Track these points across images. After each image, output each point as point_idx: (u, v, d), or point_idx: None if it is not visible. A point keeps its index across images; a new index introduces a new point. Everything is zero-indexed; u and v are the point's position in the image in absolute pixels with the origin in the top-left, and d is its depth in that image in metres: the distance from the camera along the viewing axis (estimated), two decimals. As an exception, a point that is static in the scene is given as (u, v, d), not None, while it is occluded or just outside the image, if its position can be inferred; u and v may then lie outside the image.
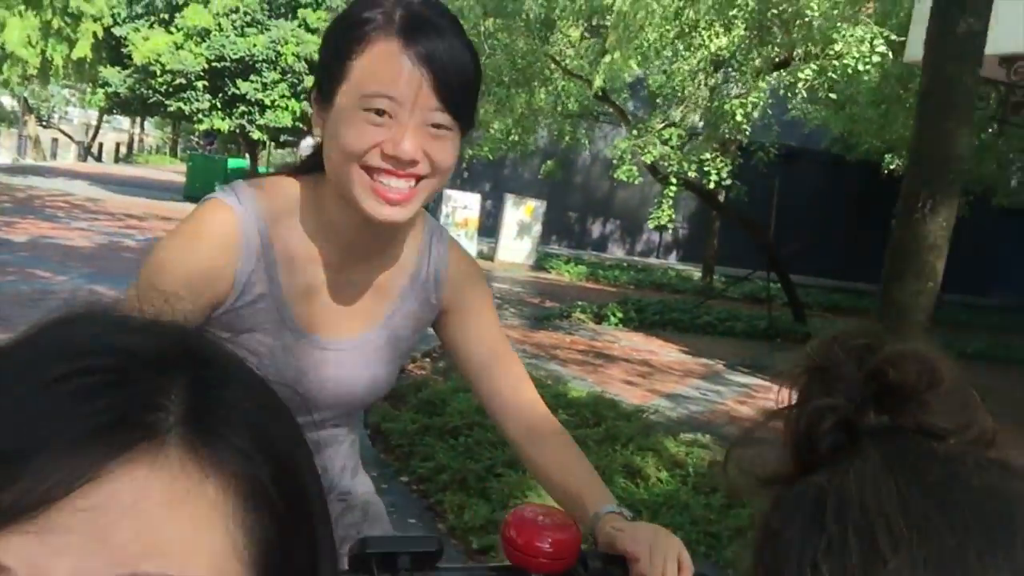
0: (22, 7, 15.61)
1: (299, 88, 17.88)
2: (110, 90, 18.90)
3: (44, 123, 35.26)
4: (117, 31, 18.24)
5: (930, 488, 0.45)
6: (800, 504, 0.48)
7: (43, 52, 18.05)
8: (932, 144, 2.70)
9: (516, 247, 16.57)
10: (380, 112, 1.02)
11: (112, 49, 18.88)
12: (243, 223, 1.10)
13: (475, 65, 1.07)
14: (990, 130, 8.15)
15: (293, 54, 17.44)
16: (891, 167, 11.23)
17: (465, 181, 18.45)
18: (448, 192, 15.03)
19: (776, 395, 0.52)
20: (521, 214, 16.66)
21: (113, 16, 18.30)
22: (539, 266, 16.36)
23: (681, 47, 7.87)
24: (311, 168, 1.16)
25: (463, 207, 15.67)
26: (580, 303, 10.56)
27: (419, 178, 1.05)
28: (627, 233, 22.44)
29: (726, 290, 13.51)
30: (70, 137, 37.60)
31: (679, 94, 8.42)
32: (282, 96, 18.12)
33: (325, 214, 1.14)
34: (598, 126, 14.42)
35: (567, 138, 11.77)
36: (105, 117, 34.80)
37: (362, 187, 1.04)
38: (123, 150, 39.87)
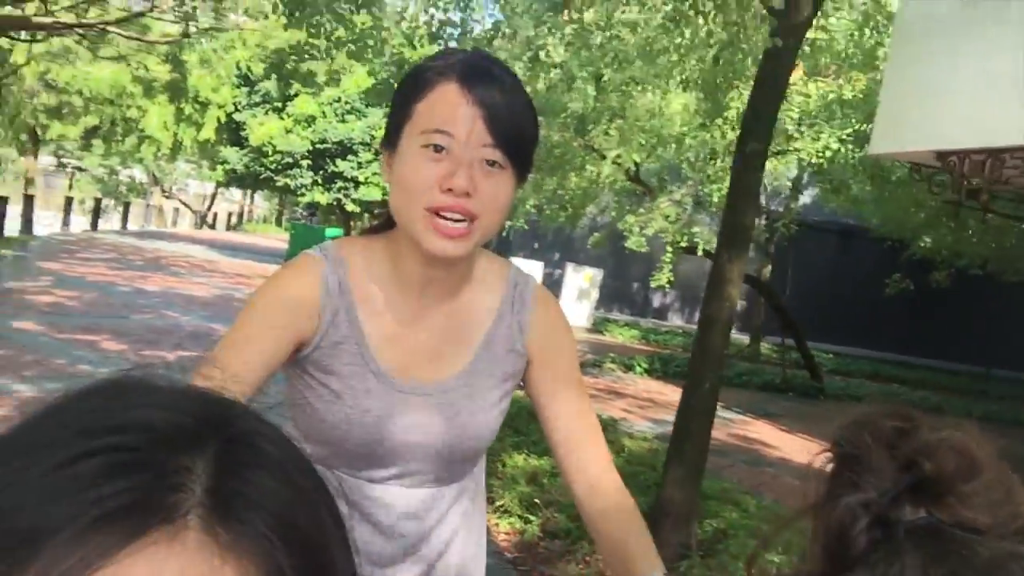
0: (161, 96, 18.46)
1: (389, 167, 20.34)
2: (228, 167, 21.78)
3: (167, 194, 39.17)
4: (237, 116, 21.14)
5: None
6: None
7: (175, 134, 21.11)
8: (733, 219, 4.36)
9: (575, 311, 18.25)
10: (438, 149, 1.07)
11: (232, 131, 21.80)
12: (325, 269, 1.17)
13: (531, 113, 1.13)
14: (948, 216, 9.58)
15: (385, 137, 19.94)
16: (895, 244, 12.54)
17: (535, 251, 20.39)
18: (513, 259, 16.92)
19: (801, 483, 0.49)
20: (580, 280, 18.42)
21: (234, 104, 21.24)
22: (596, 329, 17.98)
23: (685, 141, 9.64)
24: (386, 226, 1.22)
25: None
26: (612, 355, 12.15)
27: (473, 217, 1.09)
28: (686, 303, 23.87)
29: (757, 353, 14.84)
30: (188, 207, 41.55)
31: (683, 176, 10.17)
32: (374, 173, 20.55)
33: (400, 260, 1.19)
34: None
35: (613, 213, 13.49)
36: (220, 189, 38.54)
37: (423, 225, 1.09)
38: (234, 219, 43.64)
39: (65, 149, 26.70)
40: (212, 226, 39.15)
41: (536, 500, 4.65)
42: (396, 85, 1.23)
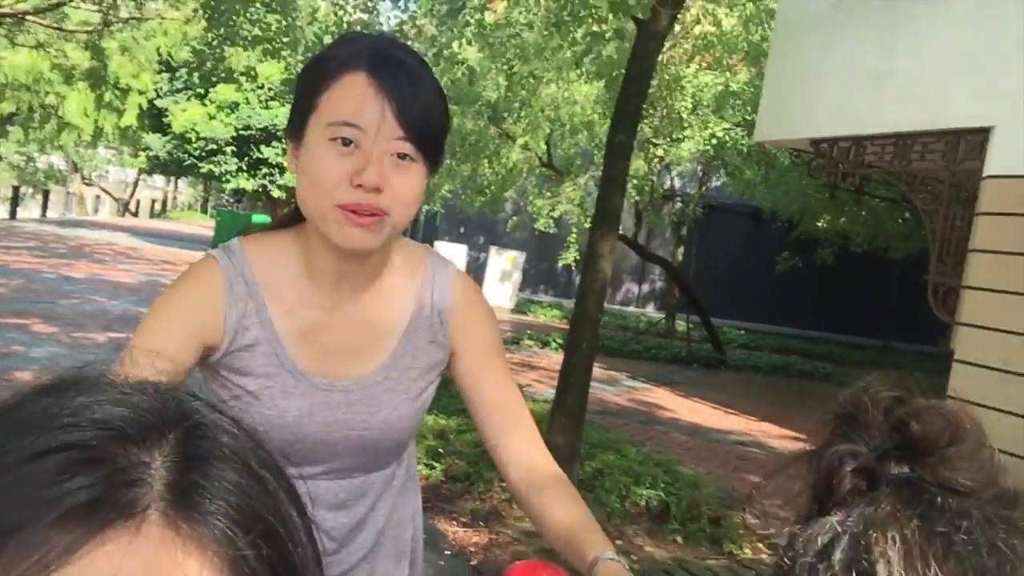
0: (81, 83, 18.37)
1: (314, 153, 20.61)
2: (151, 153, 21.72)
3: (87, 181, 38.41)
4: (159, 103, 21.10)
5: (933, 536, 0.45)
6: (810, 542, 0.48)
7: (95, 121, 20.96)
8: (604, 203, 5.03)
9: (499, 292, 18.88)
10: (347, 142, 1.05)
11: (154, 118, 21.74)
12: (228, 271, 1.14)
13: (441, 102, 1.11)
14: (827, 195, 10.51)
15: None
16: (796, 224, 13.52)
17: (460, 235, 20.97)
18: (438, 244, 17.47)
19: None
20: (503, 263, 19.04)
21: (156, 90, 21.19)
22: (519, 309, 18.65)
23: (595, 127, 10.34)
24: (294, 220, 1.19)
25: (450, 257, 18.13)
26: (530, 332, 12.84)
27: (384, 213, 1.08)
28: (609, 285, 24.76)
29: (670, 329, 15.72)
30: (109, 194, 40.83)
31: (596, 161, 10.91)
32: (299, 160, 20.84)
33: (310, 255, 1.16)
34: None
35: (531, 198, 14.11)
36: (142, 176, 37.97)
37: (334, 218, 1.07)
38: (158, 206, 43.05)
39: (-22, 136, 26.15)
40: (135, 214, 38.59)
41: (440, 451, 5.27)
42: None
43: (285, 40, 5.93)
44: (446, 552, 4.02)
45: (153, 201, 42.57)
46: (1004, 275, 6.63)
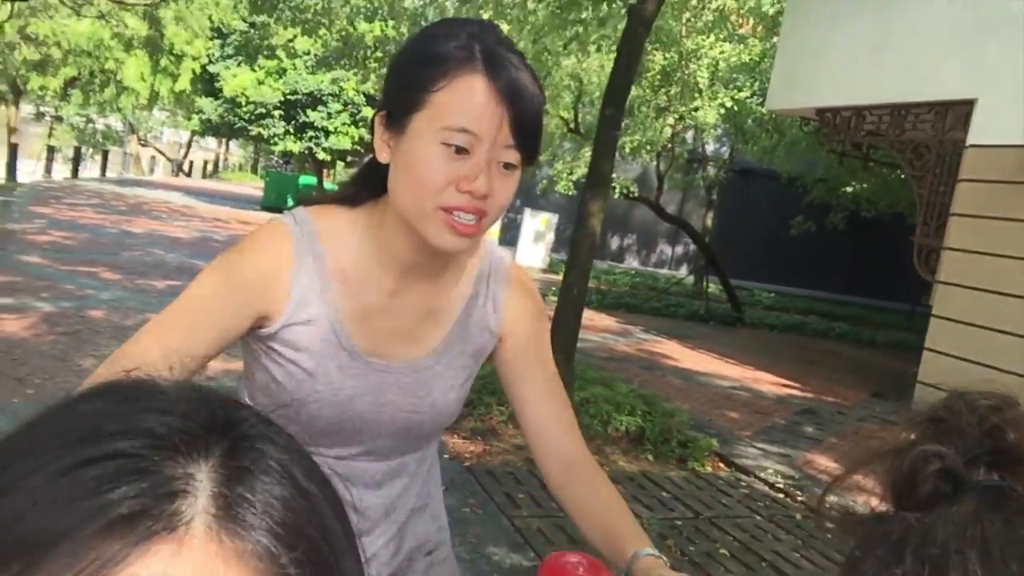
0: (139, 50, 19.40)
1: (357, 117, 21.39)
2: (203, 116, 22.77)
3: (143, 142, 39.88)
4: (211, 68, 22.08)
5: (1015, 542, 0.44)
6: (885, 537, 0.48)
7: (152, 85, 22.04)
8: (595, 168, 5.73)
9: (532, 252, 19.63)
10: (460, 150, 1.03)
11: (206, 83, 22.74)
12: (298, 242, 1.12)
13: (542, 100, 1.09)
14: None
15: (353, 89, 20.95)
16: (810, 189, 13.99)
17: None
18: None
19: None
20: (537, 224, 19.78)
21: (208, 56, 22.17)
22: (551, 269, 19.39)
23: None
24: (367, 195, 1.17)
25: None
26: (554, 288, 13.57)
27: (484, 213, 1.07)
28: (642, 246, 25.35)
29: (698, 290, 16.34)
30: (164, 155, 42.31)
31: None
32: (343, 124, 21.65)
33: (382, 238, 1.14)
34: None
35: (558, 163, 14.71)
36: (195, 138, 39.32)
37: (435, 220, 1.05)
38: (210, 167, 44.45)
39: (43, 99, 27.49)
40: (188, 174, 39.99)
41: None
42: (398, 55, 1.14)
43: (322, 20, 6.64)
44: (444, 456, 4.84)
45: (205, 162, 43.98)
46: (980, 237, 7.24)
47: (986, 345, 7.20)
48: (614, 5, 6.11)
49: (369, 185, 1.16)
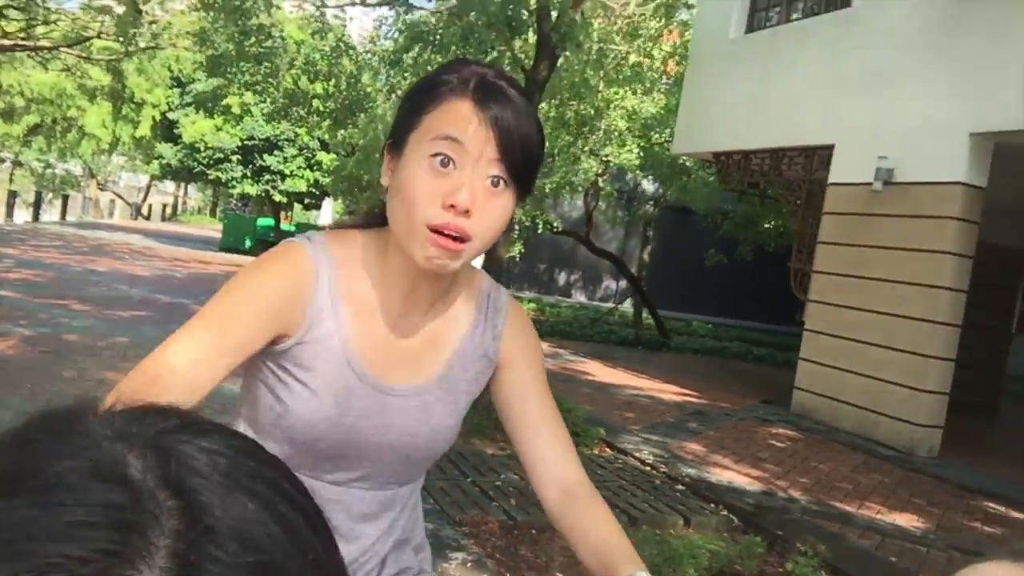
0: (101, 99, 20.34)
1: (312, 161, 22.45)
2: (163, 161, 23.67)
3: (101, 186, 40.45)
4: (171, 115, 23.04)
5: None
6: None
7: (113, 131, 22.92)
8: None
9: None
10: (445, 162, 1.05)
11: (166, 129, 23.66)
12: (315, 263, 1.15)
13: (540, 136, 1.12)
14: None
15: (307, 134, 22.05)
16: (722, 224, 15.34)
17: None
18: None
19: None
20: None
21: (168, 104, 23.13)
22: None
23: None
24: (378, 222, 1.20)
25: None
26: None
27: (469, 238, 1.08)
28: (587, 282, 26.59)
29: (636, 321, 17.53)
30: (122, 199, 42.86)
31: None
32: (299, 167, 22.69)
33: (388, 262, 1.17)
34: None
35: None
36: (154, 182, 39.97)
37: (421, 239, 1.08)
38: (169, 211, 45.02)
39: (3, 145, 28.15)
40: (147, 217, 40.55)
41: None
42: (405, 92, 1.19)
43: (270, 81, 7.65)
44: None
45: (164, 205, 44.57)
46: (840, 261, 8.49)
47: (846, 353, 8.42)
48: (507, 69, 7.29)
49: (382, 212, 1.19)
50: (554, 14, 6.65)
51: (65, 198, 29.68)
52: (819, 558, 4.21)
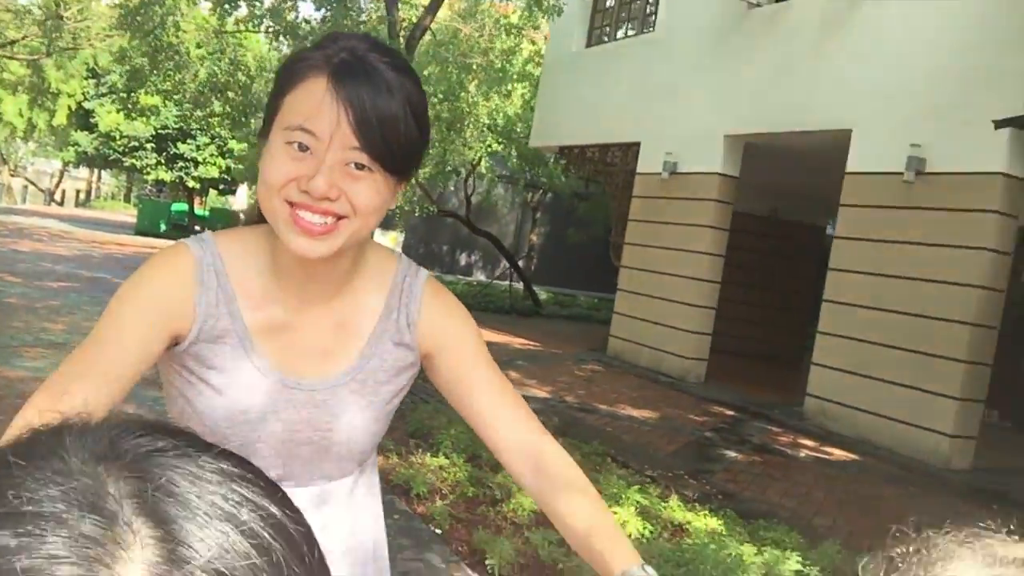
0: (17, 87, 21.45)
1: (224, 149, 23.95)
2: (79, 148, 24.81)
3: (13, 172, 40.73)
4: (87, 105, 24.20)
5: None
6: None
7: (29, 119, 23.95)
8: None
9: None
10: (302, 147, 1.02)
11: (81, 118, 24.79)
12: (199, 260, 1.12)
13: (407, 111, 1.04)
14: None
15: (219, 123, 23.54)
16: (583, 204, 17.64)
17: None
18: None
19: None
20: (386, 241, 22.85)
21: (84, 94, 24.27)
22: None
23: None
24: (264, 218, 1.15)
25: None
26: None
27: (339, 217, 1.04)
28: (486, 262, 28.73)
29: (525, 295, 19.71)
30: (34, 184, 43.12)
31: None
32: (211, 155, 24.16)
33: (278, 254, 1.14)
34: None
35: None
36: (68, 167, 40.46)
37: (283, 219, 1.04)
38: (82, 196, 45.40)
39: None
40: (60, 203, 41.00)
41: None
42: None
43: (179, 88, 9.39)
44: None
45: (78, 191, 44.94)
46: (642, 235, 10.73)
47: (643, 306, 10.71)
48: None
49: None
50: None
51: (-22, 184, 30.32)
52: (603, 447, 6.21)
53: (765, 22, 9.31)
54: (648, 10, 11.66)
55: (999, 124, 5.80)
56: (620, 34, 12.30)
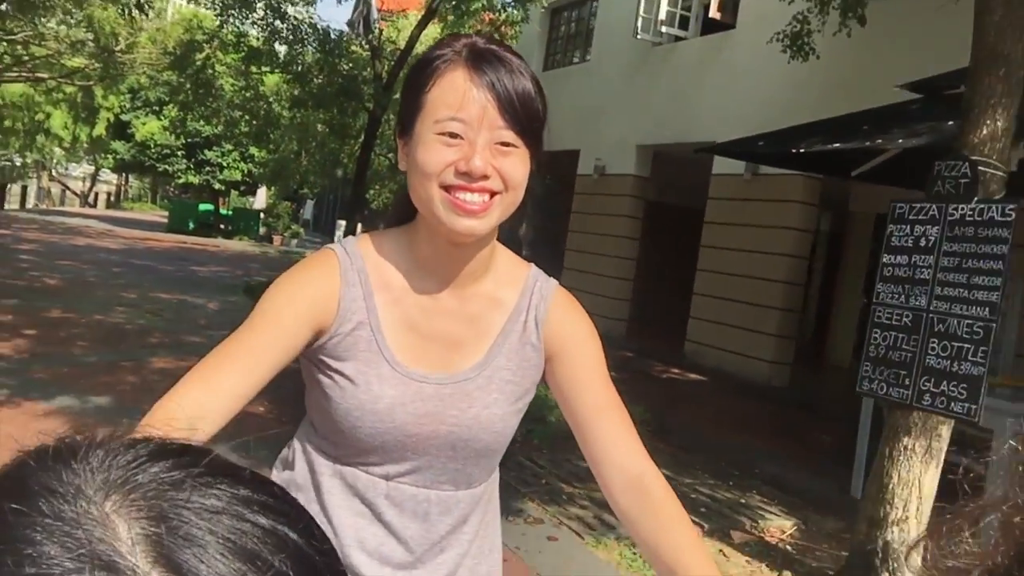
0: (62, 103, 24.53)
1: (246, 154, 26.94)
2: (118, 156, 27.88)
3: (52, 177, 44.02)
4: (124, 117, 27.26)
5: None
6: None
7: (73, 132, 27.03)
8: (357, 187, 11.67)
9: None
10: (453, 135, 1.10)
11: (119, 129, 27.85)
12: (343, 259, 1.20)
13: (537, 91, 1.15)
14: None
15: (242, 132, 26.52)
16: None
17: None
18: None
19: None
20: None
21: (120, 107, 27.33)
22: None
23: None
24: (401, 221, 1.25)
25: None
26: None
27: (493, 193, 1.12)
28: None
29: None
30: (70, 189, 46.42)
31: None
32: (235, 160, 27.16)
33: (419, 250, 1.21)
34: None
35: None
36: (98, 173, 43.66)
37: (442, 203, 1.12)
38: (112, 198, 48.64)
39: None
40: (93, 205, 44.21)
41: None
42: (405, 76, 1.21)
43: (217, 114, 12.38)
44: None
45: (108, 194, 48.17)
46: (579, 223, 13.36)
47: (580, 280, 13.45)
48: (359, 110, 12.06)
49: (407, 206, 1.21)
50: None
51: (24, 188, 33.54)
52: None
53: (663, 58, 12.09)
54: (588, 42, 14.45)
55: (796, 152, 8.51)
56: (568, 61, 15.09)
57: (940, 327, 3.59)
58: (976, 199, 3.53)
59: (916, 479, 3.67)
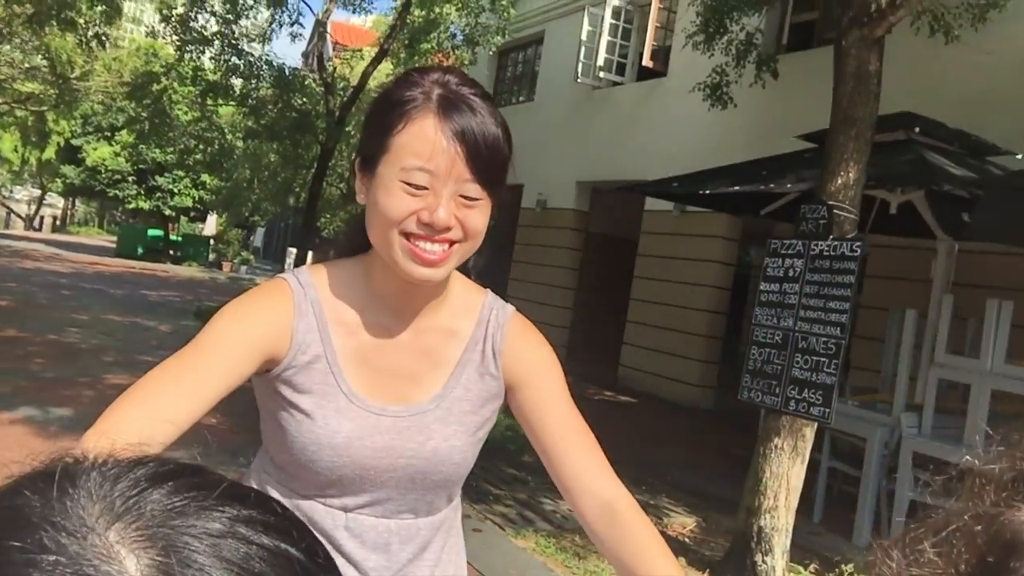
0: (13, 127, 24.59)
1: (197, 181, 27.17)
2: (67, 181, 27.87)
3: (-2, 201, 43.47)
4: (75, 142, 27.32)
5: None
6: None
7: (22, 156, 27.02)
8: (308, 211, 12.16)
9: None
10: (419, 186, 1.09)
11: (70, 153, 27.88)
12: (297, 290, 1.18)
13: (506, 139, 1.14)
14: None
15: (196, 160, 26.77)
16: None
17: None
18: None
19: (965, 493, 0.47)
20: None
21: (72, 132, 27.40)
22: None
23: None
24: (355, 251, 1.24)
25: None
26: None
27: (452, 242, 1.12)
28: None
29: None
30: (15, 213, 45.80)
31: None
32: (186, 187, 27.36)
33: (372, 282, 1.20)
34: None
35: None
36: (44, 196, 43.23)
37: (401, 249, 1.11)
38: (58, 222, 48.10)
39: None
40: (39, 228, 43.72)
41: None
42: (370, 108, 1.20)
43: (173, 142, 12.73)
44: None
45: (54, 217, 47.65)
46: (523, 253, 14.00)
47: (520, 308, 14.14)
48: (312, 142, 12.62)
49: (361, 236, 1.20)
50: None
51: (-32, 211, 33.15)
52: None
53: (601, 101, 12.89)
54: (533, 84, 15.21)
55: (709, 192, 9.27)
56: (514, 100, 15.83)
57: (803, 344, 4.26)
58: (832, 237, 4.23)
59: (785, 473, 4.31)
